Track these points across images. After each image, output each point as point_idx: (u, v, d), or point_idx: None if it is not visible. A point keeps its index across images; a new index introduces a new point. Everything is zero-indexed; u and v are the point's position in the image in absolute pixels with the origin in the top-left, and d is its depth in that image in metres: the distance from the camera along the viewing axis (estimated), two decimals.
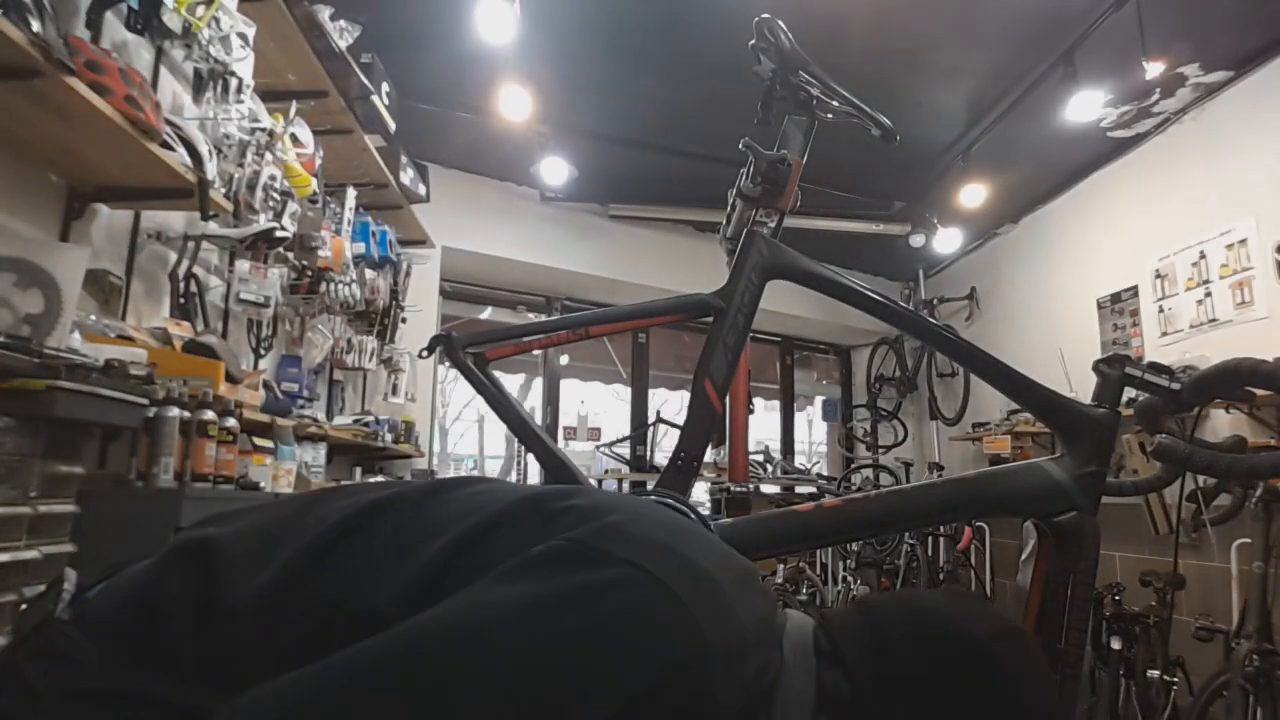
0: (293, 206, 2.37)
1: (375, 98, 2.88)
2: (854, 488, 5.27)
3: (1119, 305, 4.15)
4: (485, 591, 0.50)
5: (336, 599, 0.54)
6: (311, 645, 0.49)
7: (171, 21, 1.79)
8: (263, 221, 2.19)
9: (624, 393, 5.95)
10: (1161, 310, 3.85)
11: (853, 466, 5.83)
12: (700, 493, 5.03)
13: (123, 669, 0.53)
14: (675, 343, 6.05)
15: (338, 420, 3.22)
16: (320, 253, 2.63)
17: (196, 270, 2.26)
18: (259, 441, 2.13)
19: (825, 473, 6.26)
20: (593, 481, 3.05)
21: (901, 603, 0.72)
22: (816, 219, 4.73)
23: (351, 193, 3.07)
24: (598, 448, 5.44)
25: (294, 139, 2.46)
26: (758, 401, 6.54)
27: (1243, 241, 3.41)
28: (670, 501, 0.66)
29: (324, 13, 2.46)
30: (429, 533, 0.58)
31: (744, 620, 0.53)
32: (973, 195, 4.28)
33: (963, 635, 0.64)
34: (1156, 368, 1.31)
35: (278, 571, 0.56)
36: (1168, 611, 2.98)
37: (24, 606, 0.85)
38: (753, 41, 1.55)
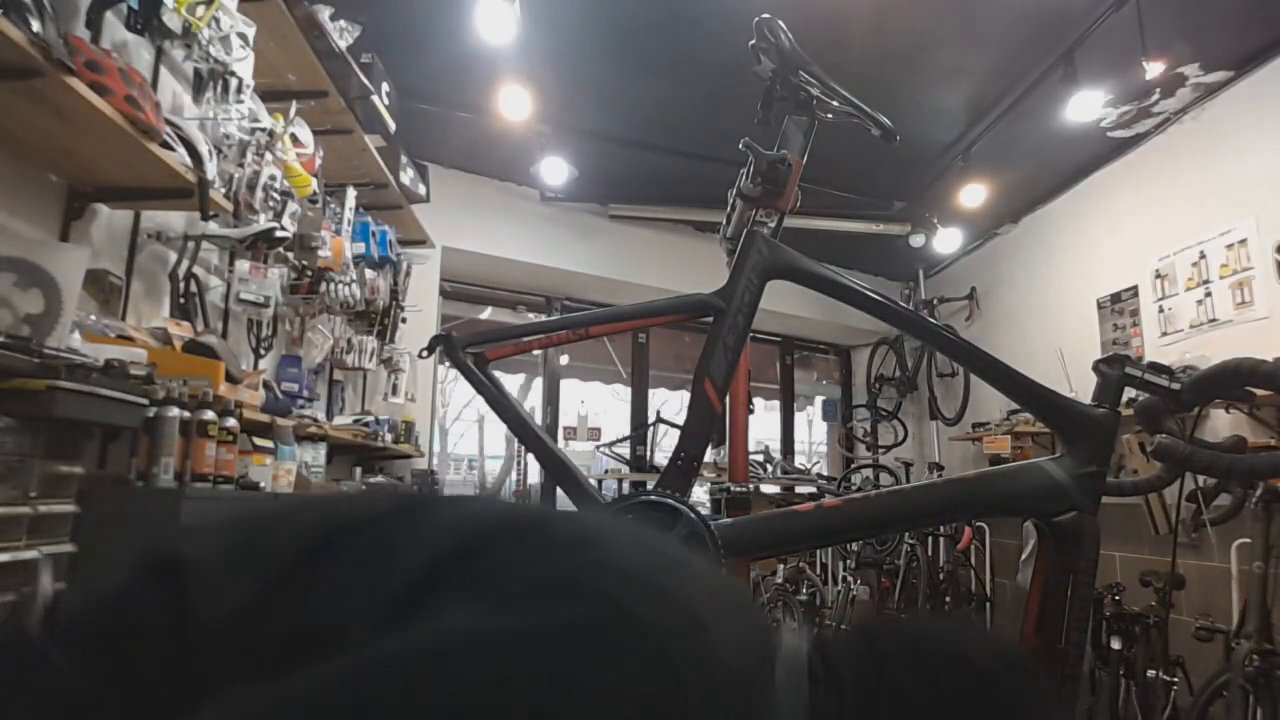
0: (293, 206, 2.37)
1: (375, 98, 2.89)
2: (854, 488, 5.27)
3: (1119, 305, 4.15)
4: (454, 622, 0.49)
5: (307, 617, 0.53)
6: (281, 664, 0.48)
7: (171, 21, 1.79)
8: (263, 221, 2.19)
9: (624, 393, 5.95)
10: (1161, 310, 3.85)
11: (853, 466, 5.82)
12: (700, 493, 5.04)
13: (93, 683, 0.53)
14: (675, 343, 6.05)
15: (338, 420, 3.22)
16: (320, 253, 2.63)
17: (196, 270, 2.26)
18: (259, 441, 2.13)
19: (825, 473, 6.26)
20: (593, 481, 3.05)
21: (903, 627, 0.70)
22: (816, 219, 4.73)
23: (351, 193, 3.07)
24: (598, 448, 5.45)
25: (294, 139, 2.46)
26: (758, 401, 6.54)
27: (1243, 241, 3.41)
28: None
29: (324, 13, 2.46)
30: (406, 552, 0.56)
31: (726, 660, 0.52)
32: (973, 195, 4.28)
33: (966, 662, 0.62)
34: (1156, 368, 1.31)
35: (250, 588, 0.55)
36: (1167, 611, 2.98)
37: None
38: (753, 41, 1.55)
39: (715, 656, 0.51)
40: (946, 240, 4.96)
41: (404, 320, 3.67)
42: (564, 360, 5.78)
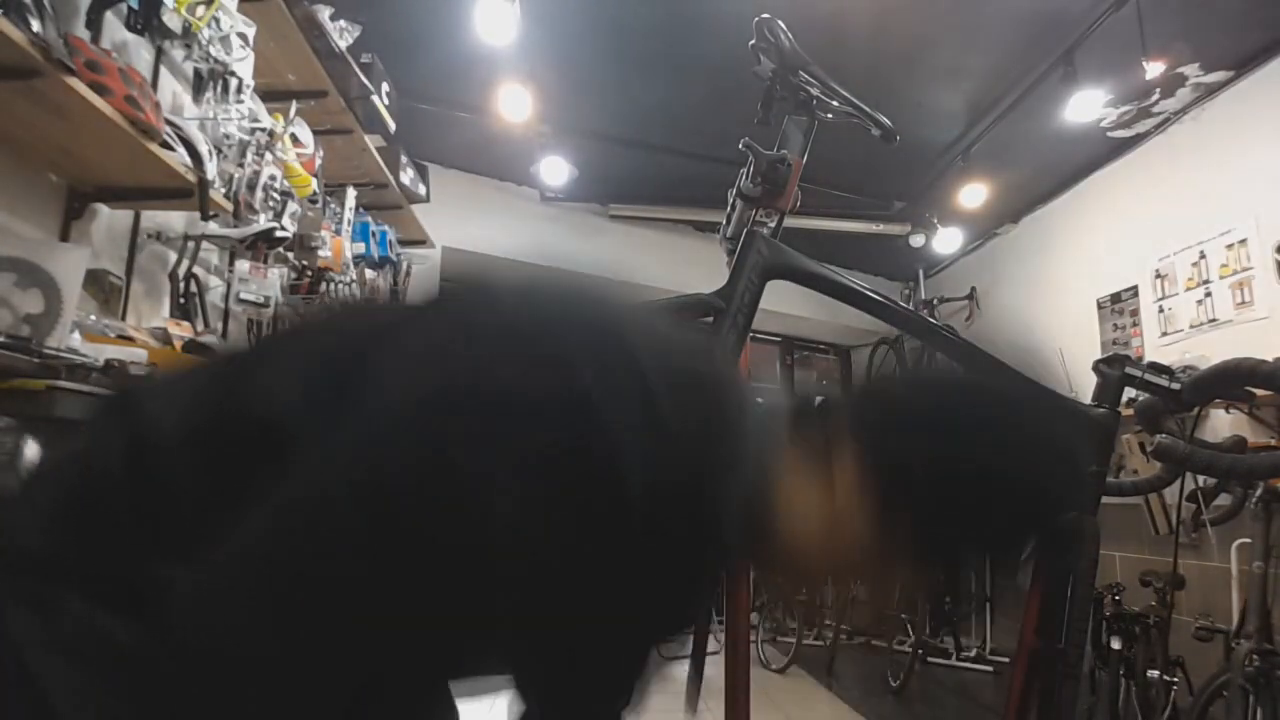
0: (293, 206, 2.37)
1: (375, 98, 2.88)
2: None
3: (1119, 305, 4.15)
4: (377, 402, 0.50)
5: (248, 412, 0.54)
6: (236, 468, 0.51)
7: (171, 21, 1.79)
8: (263, 221, 2.19)
9: None
10: (1161, 310, 3.85)
11: None
12: None
13: (61, 540, 0.52)
14: None
15: None
16: (320, 253, 2.63)
17: (196, 270, 2.26)
18: None
19: None
20: None
21: (913, 376, 0.73)
22: (816, 219, 4.73)
23: (351, 193, 3.07)
24: None
25: (294, 139, 2.46)
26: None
27: (1243, 241, 3.41)
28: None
29: (324, 13, 2.46)
30: (337, 342, 0.59)
31: (651, 375, 0.52)
32: (973, 195, 4.28)
33: (973, 389, 0.65)
34: (1156, 368, 1.31)
35: (200, 397, 0.57)
36: (1168, 611, 2.98)
37: None
38: (753, 41, 1.55)
39: (634, 370, 0.51)
40: (946, 240, 4.96)
41: None
42: None
